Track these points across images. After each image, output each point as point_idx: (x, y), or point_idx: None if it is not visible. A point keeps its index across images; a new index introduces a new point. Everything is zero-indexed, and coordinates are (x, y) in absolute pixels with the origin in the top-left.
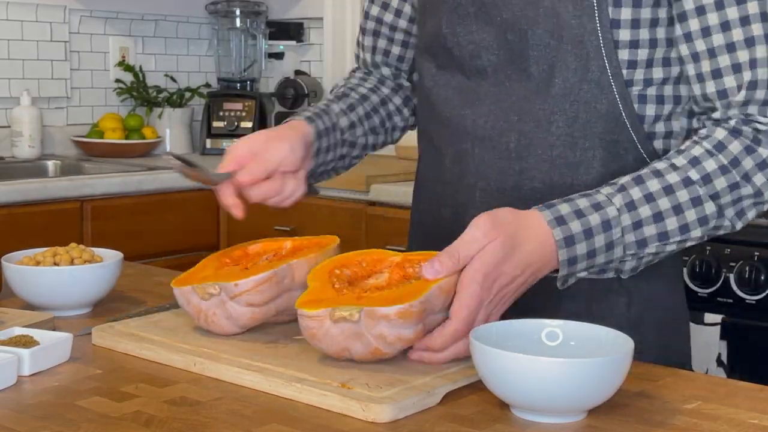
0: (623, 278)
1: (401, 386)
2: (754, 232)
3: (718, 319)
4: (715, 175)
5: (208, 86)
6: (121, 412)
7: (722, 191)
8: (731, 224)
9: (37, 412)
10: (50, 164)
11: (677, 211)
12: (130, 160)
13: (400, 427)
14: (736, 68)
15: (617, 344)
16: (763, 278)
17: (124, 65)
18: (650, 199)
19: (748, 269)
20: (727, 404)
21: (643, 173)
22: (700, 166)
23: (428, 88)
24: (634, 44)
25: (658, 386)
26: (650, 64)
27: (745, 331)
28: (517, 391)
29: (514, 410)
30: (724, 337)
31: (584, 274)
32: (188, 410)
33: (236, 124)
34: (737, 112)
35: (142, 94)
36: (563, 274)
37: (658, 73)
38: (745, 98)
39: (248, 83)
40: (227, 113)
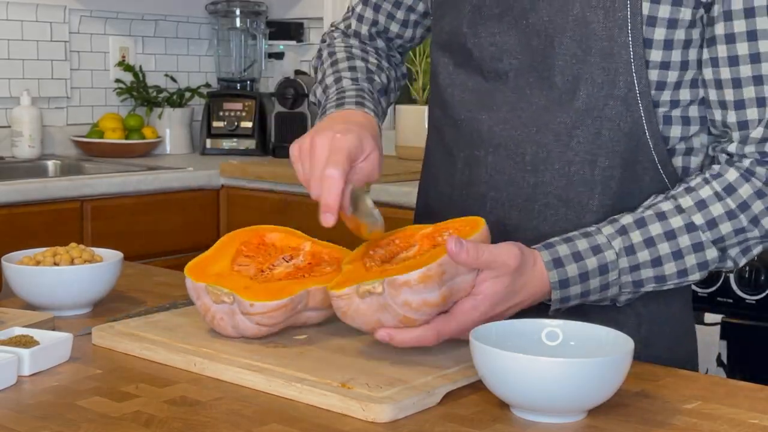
0: (633, 301)
1: (401, 386)
2: None
3: (718, 319)
4: (721, 219)
5: (208, 86)
6: (121, 412)
7: (727, 235)
8: (734, 263)
9: (37, 412)
10: (50, 164)
11: (677, 256)
12: (130, 160)
13: (400, 427)
14: (760, 102)
15: (617, 344)
16: (763, 278)
17: (124, 65)
18: (650, 243)
19: (748, 269)
20: (727, 404)
21: (646, 215)
22: (706, 210)
23: (443, 86)
24: (665, 65)
25: (658, 386)
26: (678, 86)
27: (745, 331)
28: (517, 391)
29: (514, 410)
30: (724, 337)
31: (577, 303)
32: (188, 410)
33: (236, 124)
34: (754, 149)
35: (142, 94)
36: (554, 309)
37: (685, 94)
38: (763, 135)
39: (248, 83)
40: (227, 113)
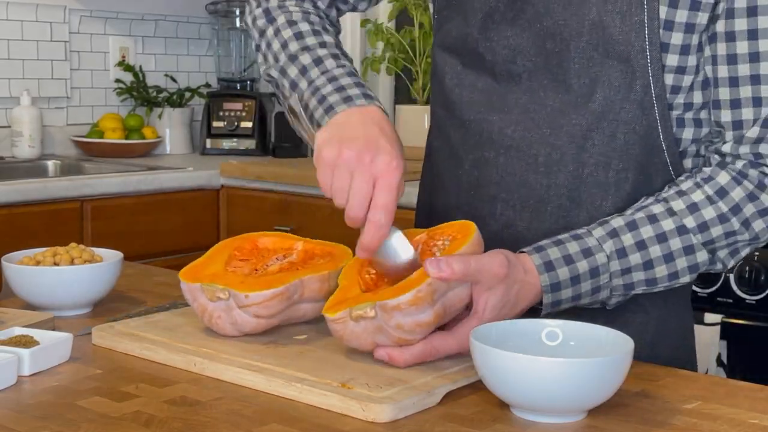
0: (641, 299)
1: (401, 386)
2: None
3: (718, 319)
4: (712, 223)
5: (208, 86)
6: (121, 412)
7: (717, 238)
8: (723, 264)
9: (37, 412)
10: (50, 164)
11: (668, 259)
12: (130, 160)
13: (400, 427)
14: (756, 102)
15: (617, 344)
16: (763, 278)
17: (124, 65)
18: (642, 246)
19: (748, 269)
20: (727, 404)
21: (637, 218)
22: (698, 213)
23: (449, 86)
24: (680, 70)
25: (658, 386)
26: (691, 88)
27: (745, 331)
28: (517, 391)
29: (514, 410)
30: (724, 337)
31: (568, 307)
32: (188, 410)
33: (236, 124)
34: (748, 150)
35: (142, 94)
36: (546, 312)
37: (698, 97)
38: (758, 135)
39: (248, 83)
40: (227, 113)
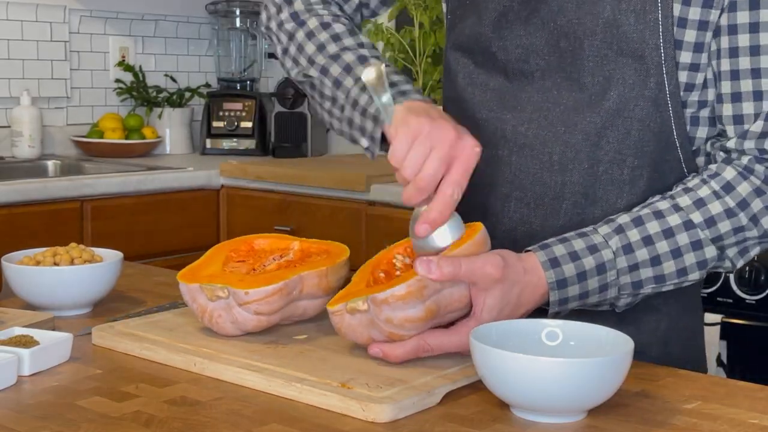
0: (653, 298)
1: (401, 386)
2: None
3: (718, 319)
4: (720, 218)
5: (208, 86)
6: (121, 412)
7: (726, 234)
8: (732, 264)
9: (37, 412)
10: (50, 164)
11: (676, 254)
12: (130, 160)
13: (400, 427)
14: (757, 95)
15: (617, 344)
16: (763, 278)
17: (124, 65)
18: (648, 242)
19: (748, 269)
20: (727, 404)
21: (643, 214)
22: (704, 208)
23: (462, 85)
24: (694, 67)
25: (658, 386)
26: (705, 86)
27: (745, 331)
28: (517, 391)
29: (514, 410)
30: (724, 337)
31: (578, 307)
32: (188, 410)
33: (236, 124)
34: (753, 146)
35: (142, 94)
36: (553, 311)
37: (711, 95)
38: (762, 130)
39: (248, 83)
40: (227, 113)
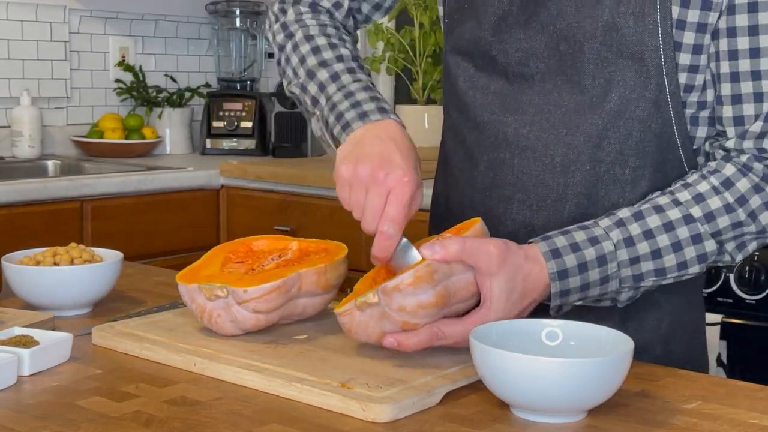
0: (655, 295)
1: (401, 386)
2: None
3: (718, 319)
4: (719, 213)
5: (208, 86)
6: (121, 412)
7: (724, 229)
8: (731, 257)
9: (37, 412)
10: (50, 164)
11: (676, 248)
12: (130, 160)
13: (400, 427)
14: (757, 97)
15: (617, 344)
16: (763, 278)
17: (124, 65)
18: (649, 235)
19: (748, 269)
20: (727, 404)
21: (643, 208)
22: (704, 203)
23: (463, 89)
24: (693, 69)
25: (658, 386)
26: (704, 87)
27: (745, 331)
28: (517, 391)
29: (514, 410)
30: (724, 337)
31: (579, 303)
32: (188, 410)
33: (236, 124)
34: (752, 145)
35: (142, 94)
36: (555, 304)
37: (711, 96)
38: (761, 130)
39: (248, 83)
40: (227, 113)
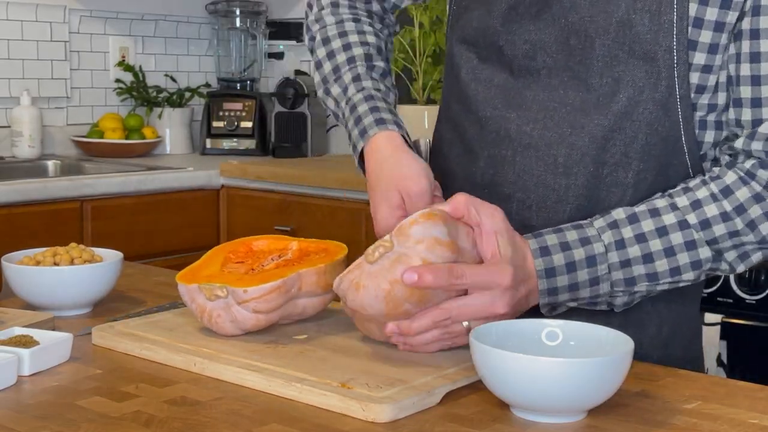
0: (654, 303)
1: (401, 386)
2: None
3: (718, 319)
4: (714, 221)
5: (208, 86)
6: (121, 412)
7: (720, 237)
8: (731, 267)
9: (37, 412)
10: (50, 164)
11: (669, 253)
12: (130, 160)
13: (400, 427)
14: None
15: (617, 344)
16: (763, 278)
17: (124, 65)
18: (641, 239)
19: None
20: (727, 404)
21: (639, 211)
22: (700, 210)
23: (465, 81)
24: (707, 69)
25: (658, 386)
26: (716, 89)
27: (745, 331)
28: (517, 391)
29: (514, 410)
30: (724, 337)
31: (573, 304)
32: (188, 410)
33: (236, 124)
34: (760, 147)
35: (142, 94)
36: (544, 302)
37: (722, 98)
38: None
39: (248, 83)
40: (227, 113)
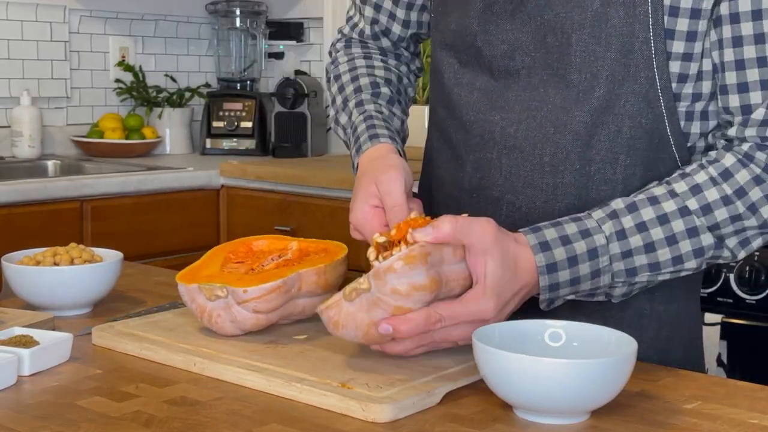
0: (655, 303)
1: (401, 386)
2: None
3: (718, 319)
4: (716, 205)
5: (208, 86)
6: (121, 412)
7: (722, 222)
8: (732, 254)
9: (37, 412)
10: (50, 164)
11: (671, 241)
12: (130, 160)
13: (400, 427)
14: (764, 84)
15: (620, 345)
16: (763, 278)
17: (124, 65)
18: (642, 228)
19: (748, 269)
20: (727, 404)
21: (638, 200)
22: (701, 195)
23: (448, 86)
24: (687, 57)
25: (658, 386)
26: (699, 77)
27: (745, 331)
28: (519, 391)
29: (516, 411)
30: (724, 337)
31: (572, 297)
32: (188, 410)
33: (236, 124)
34: (754, 133)
35: (142, 94)
36: (545, 297)
37: (707, 87)
38: (764, 117)
39: (248, 83)
40: (227, 113)
